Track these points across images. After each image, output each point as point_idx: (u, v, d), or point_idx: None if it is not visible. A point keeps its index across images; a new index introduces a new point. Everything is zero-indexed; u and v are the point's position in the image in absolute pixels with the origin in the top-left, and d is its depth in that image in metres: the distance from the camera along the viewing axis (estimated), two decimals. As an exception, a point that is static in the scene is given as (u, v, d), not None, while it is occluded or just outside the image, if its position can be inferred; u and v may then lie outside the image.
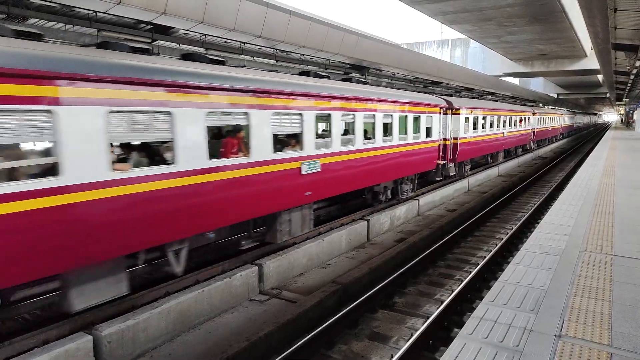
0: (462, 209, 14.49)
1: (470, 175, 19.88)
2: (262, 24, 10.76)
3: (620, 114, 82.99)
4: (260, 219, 8.96)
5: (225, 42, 11.13)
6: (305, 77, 10.12)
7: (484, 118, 20.86)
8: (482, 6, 23.71)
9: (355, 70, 16.61)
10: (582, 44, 32.19)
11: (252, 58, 12.57)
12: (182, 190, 6.61)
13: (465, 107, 18.44)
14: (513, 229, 12.10)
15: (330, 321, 6.57)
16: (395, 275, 8.48)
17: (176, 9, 8.80)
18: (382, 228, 12.18)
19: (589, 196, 9.56)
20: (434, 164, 15.99)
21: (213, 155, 7.13)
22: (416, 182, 15.58)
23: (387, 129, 12.50)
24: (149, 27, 9.51)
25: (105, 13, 8.27)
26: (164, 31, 9.76)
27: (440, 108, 16.11)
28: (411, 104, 13.72)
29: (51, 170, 5.21)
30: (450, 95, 19.48)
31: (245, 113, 7.69)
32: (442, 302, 7.47)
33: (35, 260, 5.09)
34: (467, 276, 8.64)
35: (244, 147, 7.84)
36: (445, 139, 17.04)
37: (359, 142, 11.04)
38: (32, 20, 8.19)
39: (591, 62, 36.27)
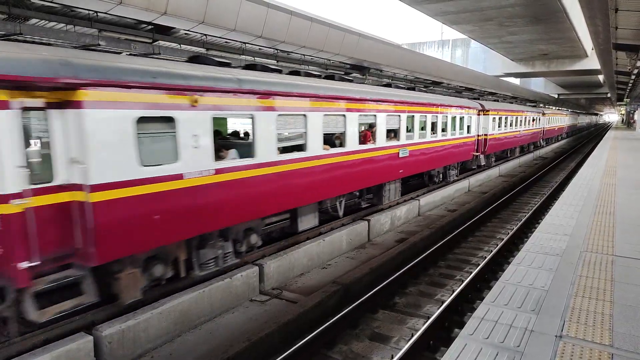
0: (463, 209, 14.48)
1: (496, 165, 23.98)
2: (262, 24, 10.76)
3: (621, 114, 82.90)
4: (373, 187, 12.89)
5: (225, 42, 11.14)
6: (400, 89, 14.34)
7: (506, 118, 24.68)
8: (482, 6, 23.69)
9: (356, 71, 16.61)
10: (583, 44, 32.16)
11: (252, 58, 12.57)
12: (348, 162, 10.69)
13: (493, 109, 22.32)
14: (514, 229, 12.09)
15: (330, 321, 6.57)
16: (395, 275, 8.48)
17: (177, 10, 8.81)
18: (383, 228, 12.17)
19: (590, 196, 9.55)
20: (471, 155, 19.82)
21: (361, 142, 11.16)
22: (458, 168, 19.33)
23: (445, 127, 16.32)
24: (150, 27, 9.52)
25: (106, 13, 8.28)
26: (165, 31, 9.77)
27: (477, 110, 19.98)
28: (459, 107, 17.34)
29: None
30: (477, 98, 23.50)
31: (374, 115, 11.62)
32: (442, 303, 7.46)
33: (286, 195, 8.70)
34: (468, 276, 8.64)
35: (372, 137, 11.72)
36: (478, 135, 20.67)
37: (429, 136, 15.00)
38: (33, 21, 8.19)
39: (592, 62, 36.23)
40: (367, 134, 11.66)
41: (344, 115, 10.27)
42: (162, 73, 6.32)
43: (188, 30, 9.87)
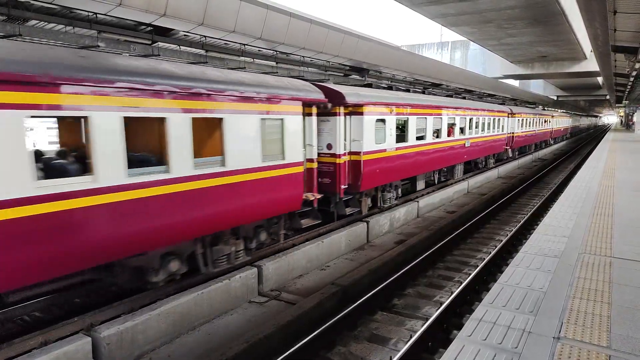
0: (462, 210, 14.49)
1: (518, 158, 29.81)
2: (262, 26, 10.78)
3: (620, 116, 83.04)
4: (450, 167, 18.81)
5: (225, 43, 11.15)
6: (462, 99, 19.96)
7: (526, 120, 30.46)
8: (482, 8, 23.72)
9: (355, 72, 16.63)
10: (581, 46, 32.22)
11: (252, 60, 12.59)
12: (435, 151, 15.67)
13: (519, 113, 28.21)
14: (512, 231, 12.10)
15: (329, 323, 6.57)
16: (394, 277, 8.48)
17: (176, 11, 8.82)
18: (382, 230, 12.18)
19: (589, 198, 9.56)
20: (503, 149, 26.11)
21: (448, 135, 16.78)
22: (495, 158, 25.75)
23: (490, 126, 22.33)
24: (149, 28, 9.53)
25: (105, 15, 8.29)
26: (164, 33, 9.78)
27: (507, 113, 25.76)
28: (497, 111, 23.58)
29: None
30: (503, 103, 29.52)
31: (454, 117, 17.28)
32: (441, 304, 7.46)
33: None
34: (467, 278, 8.64)
35: (453, 131, 17.28)
36: (507, 133, 26.26)
37: (480, 132, 20.70)
38: (32, 22, 8.20)
39: (591, 64, 36.30)
40: (449, 130, 16.94)
41: (440, 117, 16.00)
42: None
43: (187, 32, 9.88)
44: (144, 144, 6.92)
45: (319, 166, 10.47)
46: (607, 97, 63.94)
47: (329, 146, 10.78)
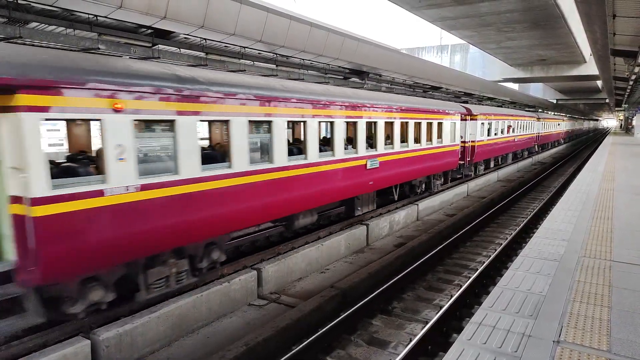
0: (461, 214, 14.49)
1: (539, 153, 37.73)
2: (262, 29, 10.80)
3: (619, 119, 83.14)
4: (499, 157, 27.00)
5: (225, 46, 11.17)
6: (504, 108, 27.64)
7: (545, 123, 38.74)
8: (481, 12, 23.79)
9: (355, 75, 16.65)
10: (581, 49, 32.30)
11: (252, 63, 12.60)
12: (490, 145, 23.42)
13: (541, 117, 36.93)
14: (512, 234, 12.09)
15: (328, 326, 6.56)
16: (394, 280, 8.47)
17: (177, 14, 8.84)
18: (382, 233, 12.17)
19: (588, 202, 9.57)
20: (532, 144, 34.90)
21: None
22: (527, 152, 34.18)
23: (524, 127, 30.25)
24: (150, 31, 9.54)
25: (106, 17, 8.30)
26: (165, 35, 9.79)
27: (533, 118, 33.96)
28: (526, 117, 31.16)
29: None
30: (524, 109, 36.82)
31: (509, 122, 26.27)
32: (441, 308, 7.45)
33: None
34: (466, 281, 8.63)
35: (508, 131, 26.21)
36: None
37: (518, 132, 28.72)
38: (33, 24, 8.21)
39: (590, 67, 36.40)
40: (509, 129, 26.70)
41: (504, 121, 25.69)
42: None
43: (188, 35, 9.89)
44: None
45: (458, 148, 18.61)
46: (607, 100, 64.07)
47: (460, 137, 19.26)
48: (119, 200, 5.79)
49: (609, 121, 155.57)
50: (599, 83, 46.69)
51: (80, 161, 6.37)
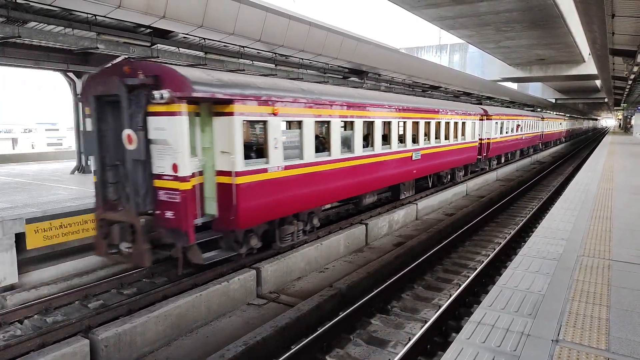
0: (461, 213, 14.50)
1: (542, 150, 40.17)
2: (261, 28, 10.79)
3: (618, 119, 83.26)
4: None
5: (224, 46, 11.16)
6: (512, 109, 30.68)
7: (548, 122, 40.86)
8: (480, 11, 23.79)
9: (354, 75, 16.63)
10: (580, 49, 32.32)
11: (251, 62, 12.60)
12: (502, 142, 25.51)
13: (545, 117, 39.68)
14: (511, 234, 12.10)
15: (327, 325, 6.56)
16: (393, 279, 8.47)
17: (176, 13, 8.83)
18: (381, 232, 12.17)
19: (587, 201, 9.57)
20: (537, 142, 37.19)
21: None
22: (532, 149, 36.04)
23: (530, 126, 32.38)
24: (149, 30, 9.53)
25: (104, 17, 8.28)
26: (164, 35, 9.78)
27: (538, 118, 36.45)
28: (532, 117, 33.74)
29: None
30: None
31: (517, 121, 29.13)
32: (440, 307, 7.46)
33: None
34: (465, 280, 8.64)
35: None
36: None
37: (525, 131, 30.83)
38: (32, 24, 8.20)
39: (589, 67, 36.42)
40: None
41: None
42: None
43: (187, 34, 9.88)
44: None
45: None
46: (606, 100, 64.12)
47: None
48: (274, 175, 8.38)
49: (608, 120, 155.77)
50: (598, 82, 46.74)
51: (252, 148, 8.52)
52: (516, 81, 48.78)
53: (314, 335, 6.27)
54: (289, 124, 9.98)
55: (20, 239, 7.63)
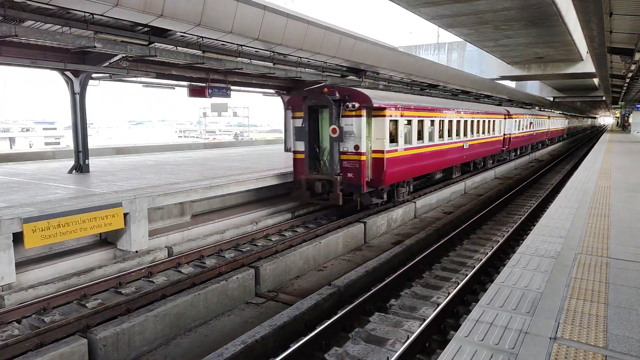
0: (459, 211, 14.51)
1: (549, 145, 44.68)
2: (259, 27, 10.76)
3: (616, 117, 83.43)
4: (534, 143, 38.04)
5: (222, 44, 11.13)
6: (525, 109, 35.76)
7: (553, 120, 45.45)
8: (478, 10, 23.76)
9: (352, 73, 16.62)
10: (578, 47, 32.33)
11: (249, 60, 12.57)
12: (520, 137, 31.13)
13: (551, 116, 44.06)
14: (509, 232, 12.12)
15: (326, 324, 6.56)
16: (391, 278, 8.48)
17: (173, 12, 8.79)
18: (379, 231, 12.18)
19: (585, 199, 9.59)
20: (545, 138, 40.60)
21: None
22: (540, 144, 40.72)
23: (540, 124, 36.48)
24: (146, 29, 9.50)
25: (102, 15, 8.25)
26: (161, 34, 9.75)
27: (545, 117, 40.32)
28: (541, 116, 38.69)
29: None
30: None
31: (530, 119, 34.37)
32: (438, 305, 7.47)
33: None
34: (464, 279, 8.65)
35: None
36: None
37: (536, 128, 35.91)
38: (28, 23, 8.16)
39: (587, 65, 36.43)
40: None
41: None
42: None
43: (184, 33, 9.85)
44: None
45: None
46: (604, 98, 64.20)
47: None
48: (400, 154, 13.35)
49: (606, 119, 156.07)
50: (596, 81, 46.77)
51: (391, 137, 12.89)
52: (514, 79, 48.76)
53: (313, 333, 6.27)
54: (408, 121, 14.22)
55: (18, 238, 7.62)
